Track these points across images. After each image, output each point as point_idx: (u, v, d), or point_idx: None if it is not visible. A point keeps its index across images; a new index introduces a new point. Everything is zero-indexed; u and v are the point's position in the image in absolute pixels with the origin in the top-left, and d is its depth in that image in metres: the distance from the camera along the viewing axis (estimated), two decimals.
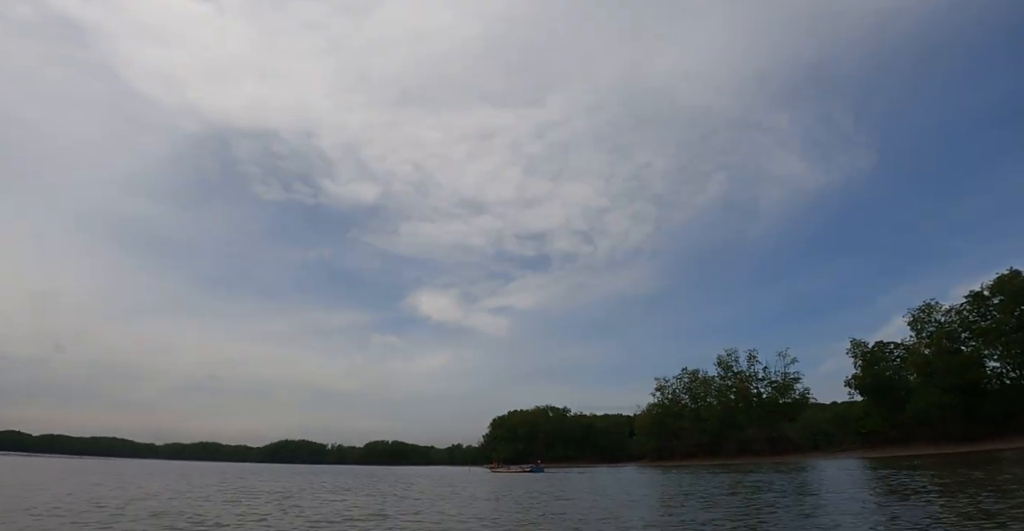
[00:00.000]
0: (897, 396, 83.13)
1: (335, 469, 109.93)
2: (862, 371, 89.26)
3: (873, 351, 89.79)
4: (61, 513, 13.60)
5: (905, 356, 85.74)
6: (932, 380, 75.07)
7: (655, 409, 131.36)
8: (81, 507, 15.42)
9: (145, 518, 12.83)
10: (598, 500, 18.22)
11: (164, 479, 33.88)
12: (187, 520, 12.64)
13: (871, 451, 79.71)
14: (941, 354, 75.75)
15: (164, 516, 13.39)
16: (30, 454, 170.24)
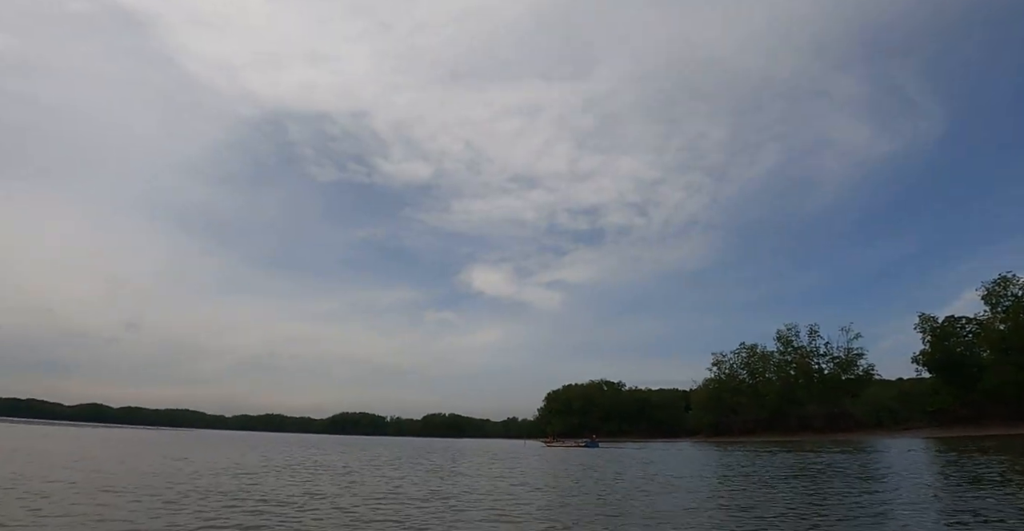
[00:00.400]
0: (968, 373, 79.81)
1: (394, 441, 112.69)
2: (931, 347, 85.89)
3: (943, 326, 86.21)
4: (126, 491, 14.06)
5: (978, 331, 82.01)
6: (1007, 356, 71.73)
7: (712, 384, 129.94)
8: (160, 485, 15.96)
9: (214, 495, 13.17)
10: (656, 477, 17.95)
11: (232, 451, 35.16)
12: (253, 497, 12.96)
13: (939, 430, 77.11)
14: (1018, 329, 72.13)
15: (230, 494, 13.73)
16: (111, 425, 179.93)
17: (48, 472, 17.89)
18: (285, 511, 11.24)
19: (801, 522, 9.65)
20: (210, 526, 9.30)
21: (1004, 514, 9.96)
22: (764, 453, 42.15)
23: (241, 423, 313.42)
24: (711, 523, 9.75)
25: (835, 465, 25.26)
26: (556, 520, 10.73)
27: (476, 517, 11.48)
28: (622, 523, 10.14)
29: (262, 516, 10.35)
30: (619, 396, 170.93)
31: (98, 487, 14.05)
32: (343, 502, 12.55)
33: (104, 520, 9.66)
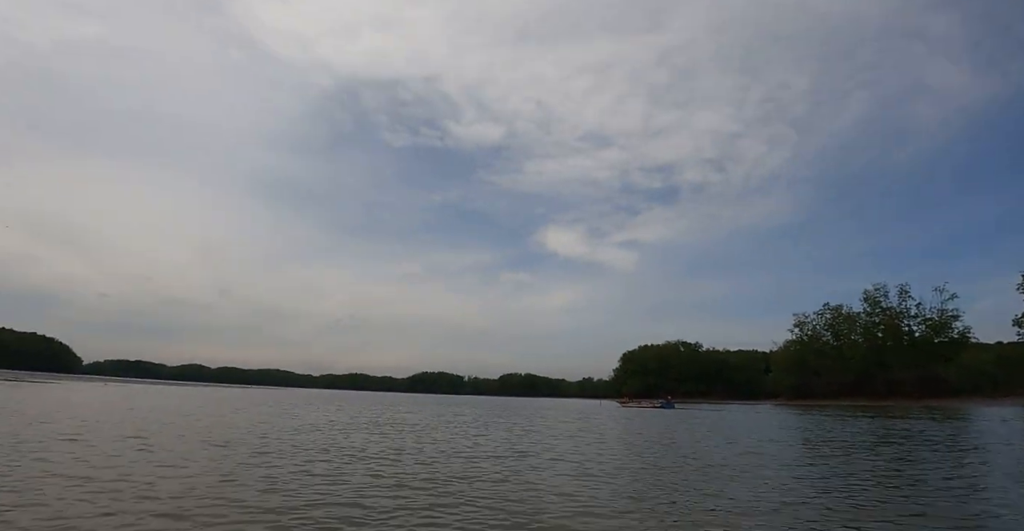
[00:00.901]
0: None
1: (472, 400, 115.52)
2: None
3: None
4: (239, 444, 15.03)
5: None
6: None
7: (793, 346, 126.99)
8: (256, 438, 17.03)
9: (313, 450, 13.94)
10: (734, 439, 17.85)
11: (327, 408, 36.97)
12: (334, 450, 13.70)
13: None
14: None
15: (317, 449, 14.53)
16: (210, 384, 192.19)
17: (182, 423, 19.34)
18: (372, 465, 11.82)
19: (885, 491, 9.41)
20: (304, 473, 9.93)
21: None
22: (849, 417, 41.08)
23: (327, 382, 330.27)
24: (787, 488, 9.64)
25: (925, 432, 24.35)
26: (637, 478, 10.82)
27: (560, 472, 11.76)
28: (698, 480, 10.14)
29: (360, 464, 10.99)
30: (696, 357, 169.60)
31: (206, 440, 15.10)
32: (428, 454, 13.09)
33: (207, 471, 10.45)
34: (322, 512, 7.60)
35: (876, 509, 9.04)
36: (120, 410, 28.17)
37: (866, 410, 59.35)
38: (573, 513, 8.14)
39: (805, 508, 8.97)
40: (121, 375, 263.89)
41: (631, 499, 9.37)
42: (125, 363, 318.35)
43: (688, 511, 8.46)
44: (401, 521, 7.30)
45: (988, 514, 8.57)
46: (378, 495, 8.90)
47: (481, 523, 7.38)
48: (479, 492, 9.56)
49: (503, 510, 8.21)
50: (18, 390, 43.51)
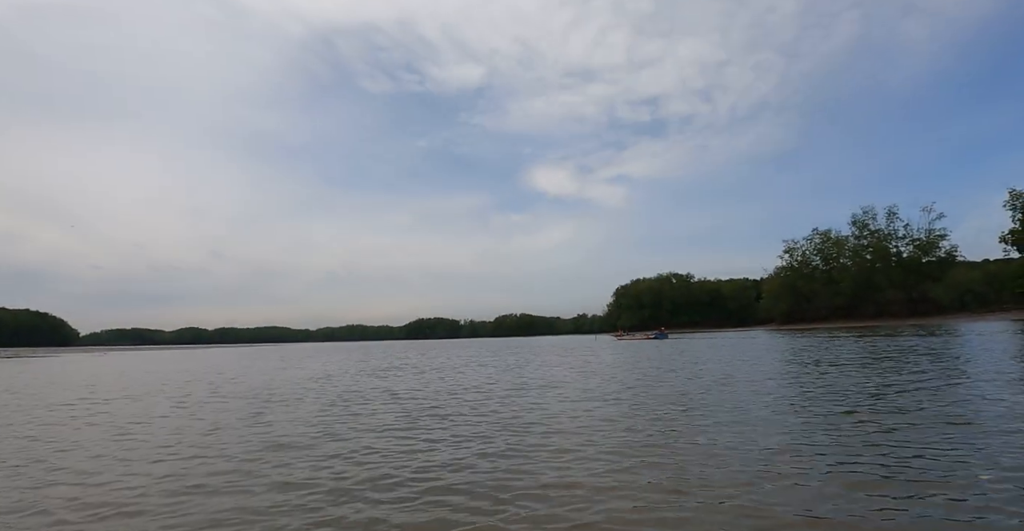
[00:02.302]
0: None
1: (471, 342, 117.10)
2: (1021, 225, 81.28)
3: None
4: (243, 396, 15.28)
5: None
6: None
7: (784, 272, 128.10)
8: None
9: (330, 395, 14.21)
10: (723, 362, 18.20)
11: (331, 359, 37.57)
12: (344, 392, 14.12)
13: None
14: None
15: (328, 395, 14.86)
16: (208, 346, 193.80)
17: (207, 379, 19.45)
18: (409, 404, 12.13)
19: (870, 398, 9.68)
20: (333, 408, 10.22)
21: None
22: (838, 339, 41.87)
23: (325, 335, 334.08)
24: (774, 400, 9.91)
25: (912, 348, 24.89)
26: (636, 401, 11.11)
27: (567, 397, 12.11)
28: (694, 400, 10.41)
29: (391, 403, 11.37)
30: (688, 288, 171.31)
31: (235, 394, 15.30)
32: (444, 390, 13.46)
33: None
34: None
35: (865, 413, 9.31)
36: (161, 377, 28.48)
37: (856, 331, 60.43)
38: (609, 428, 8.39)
39: (795, 415, 9.23)
40: (120, 344, 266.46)
41: (638, 410, 9.64)
42: (122, 332, 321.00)
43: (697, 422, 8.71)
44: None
45: (970, 411, 8.85)
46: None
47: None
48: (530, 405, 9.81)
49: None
50: (14, 365, 43.93)
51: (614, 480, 6.01)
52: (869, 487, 5.44)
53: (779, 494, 5.34)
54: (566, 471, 6.46)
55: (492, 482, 6.10)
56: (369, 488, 6.06)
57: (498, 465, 6.85)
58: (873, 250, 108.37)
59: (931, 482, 5.49)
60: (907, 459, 6.32)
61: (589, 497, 5.48)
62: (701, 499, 5.29)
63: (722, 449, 7.21)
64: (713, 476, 6.00)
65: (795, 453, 6.80)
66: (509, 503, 5.41)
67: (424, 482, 6.24)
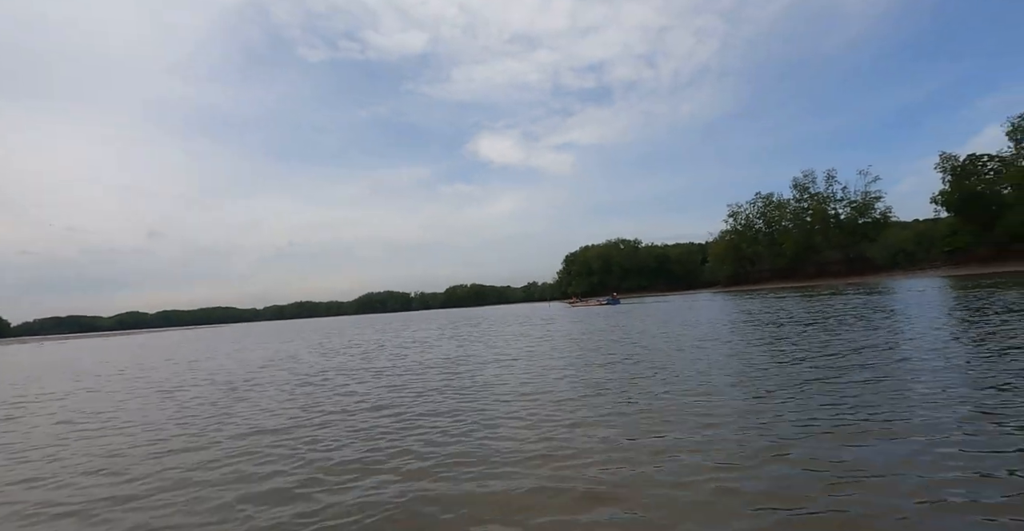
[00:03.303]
0: (988, 212, 79.55)
1: (423, 315, 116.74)
2: (951, 186, 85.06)
3: (964, 165, 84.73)
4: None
5: (1000, 169, 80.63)
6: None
7: (728, 235, 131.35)
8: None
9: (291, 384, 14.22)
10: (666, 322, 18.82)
11: (284, 339, 37.19)
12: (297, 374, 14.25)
13: (956, 269, 78.17)
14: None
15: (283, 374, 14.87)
16: (150, 330, 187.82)
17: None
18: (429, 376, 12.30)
19: (807, 352, 10.24)
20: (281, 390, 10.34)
21: (993, 341, 10.43)
22: (779, 298, 43.45)
23: (274, 313, 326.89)
24: (717, 355, 10.40)
25: (847, 304, 26.07)
26: (597, 350, 11.50)
27: (540, 359, 12.43)
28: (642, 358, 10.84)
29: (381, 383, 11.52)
30: (636, 253, 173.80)
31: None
32: (431, 364, 13.66)
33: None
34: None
35: (804, 364, 9.86)
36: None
37: (796, 291, 62.59)
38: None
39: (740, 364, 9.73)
40: (56, 333, 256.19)
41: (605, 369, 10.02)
42: (58, 320, 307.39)
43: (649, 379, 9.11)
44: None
45: (902, 358, 9.48)
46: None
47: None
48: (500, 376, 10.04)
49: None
50: None
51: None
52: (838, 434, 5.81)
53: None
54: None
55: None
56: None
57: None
58: (813, 212, 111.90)
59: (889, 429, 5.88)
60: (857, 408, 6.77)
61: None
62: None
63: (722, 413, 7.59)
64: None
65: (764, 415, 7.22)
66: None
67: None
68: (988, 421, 5.87)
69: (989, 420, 5.90)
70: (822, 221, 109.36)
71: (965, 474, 4.59)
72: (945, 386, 7.51)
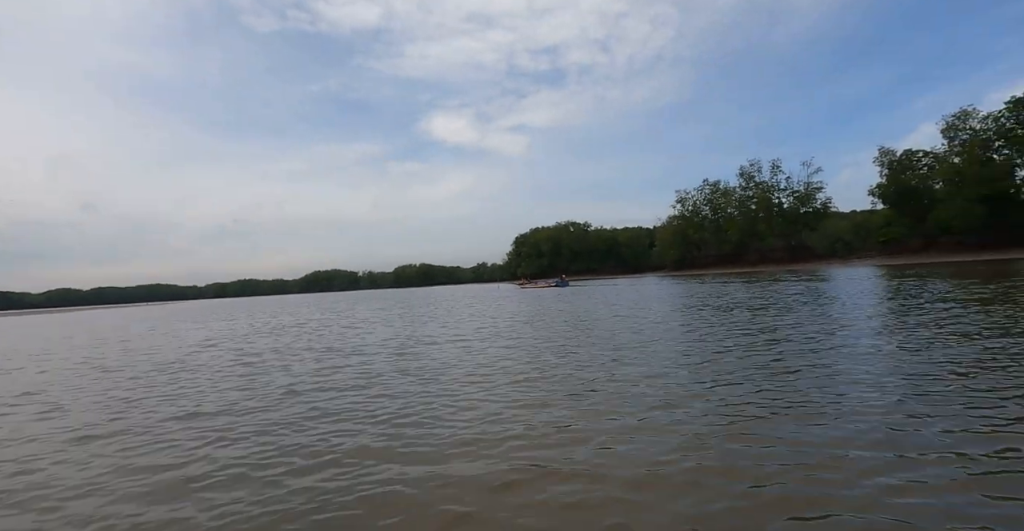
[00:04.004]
0: (921, 205, 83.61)
1: (373, 294, 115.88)
2: (887, 180, 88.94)
3: (900, 160, 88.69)
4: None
5: (933, 165, 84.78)
6: (960, 190, 74.86)
7: (676, 221, 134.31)
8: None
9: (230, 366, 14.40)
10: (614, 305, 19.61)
11: (231, 316, 36.67)
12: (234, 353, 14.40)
13: (889, 258, 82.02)
14: (972, 163, 74.63)
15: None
16: (82, 308, 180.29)
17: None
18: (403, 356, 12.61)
19: (747, 332, 11.09)
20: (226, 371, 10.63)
21: (920, 325, 11.52)
22: (723, 283, 45.13)
23: (216, 291, 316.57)
24: (666, 332, 11.18)
25: (785, 290, 27.49)
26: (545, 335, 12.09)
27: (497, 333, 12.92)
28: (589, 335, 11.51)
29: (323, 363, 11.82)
30: (586, 236, 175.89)
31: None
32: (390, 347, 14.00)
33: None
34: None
35: (746, 344, 10.68)
36: None
37: (740, 276, 64.72)
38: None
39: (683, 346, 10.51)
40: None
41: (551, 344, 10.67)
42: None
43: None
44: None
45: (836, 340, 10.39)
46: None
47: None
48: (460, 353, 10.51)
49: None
50: None
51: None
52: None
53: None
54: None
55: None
56: None
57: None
58: (758, 201, 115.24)
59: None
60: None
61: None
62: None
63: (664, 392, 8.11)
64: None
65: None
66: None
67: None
68: (916, 403, 6.41)
69: (916, 402, 6.45)
70: (766, 209, 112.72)
71: (892, 454, 4.97)
72: (878, 371, 8.16)
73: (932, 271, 41.76)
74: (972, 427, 5.52)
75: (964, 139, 79.21)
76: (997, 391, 6.72)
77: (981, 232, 73.09)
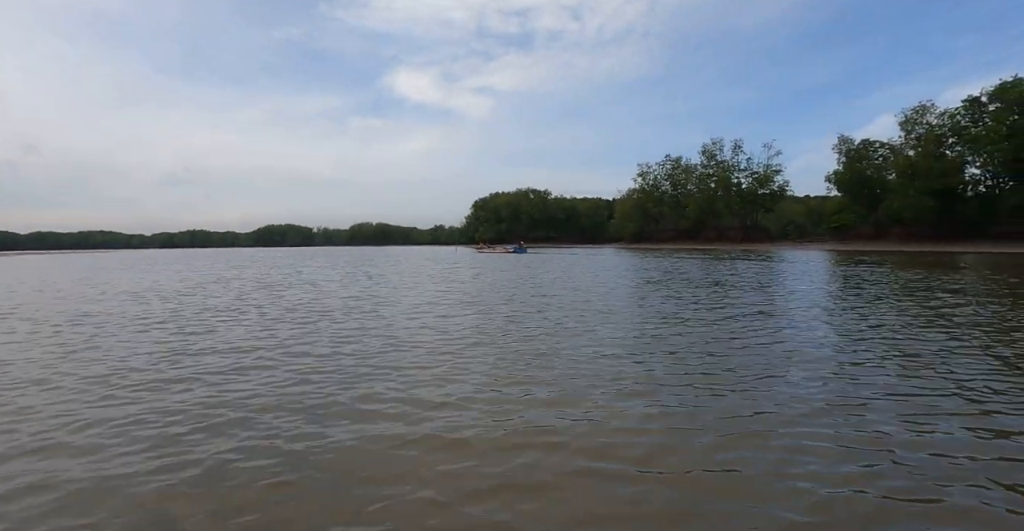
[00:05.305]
0: (874, 194, 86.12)
1: (329, 251, 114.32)
2: (844, 167, 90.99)
3: (858, 149, 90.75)
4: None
5: (889, 156, 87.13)
6: (912, 182, 77.27)
7: (636, 194, 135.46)
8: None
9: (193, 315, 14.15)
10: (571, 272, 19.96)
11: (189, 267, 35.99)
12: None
13: (840, 244, 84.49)
14: (926, 157, 77.00)
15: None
16: (20, 252, 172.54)
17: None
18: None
19: (704, 308, 11.50)
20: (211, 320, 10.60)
21: (863, 307, 12.13)
22: (678, 259, 46.03)
23: (164, 241, 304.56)
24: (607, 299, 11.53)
25: (736, 268, 28.30)
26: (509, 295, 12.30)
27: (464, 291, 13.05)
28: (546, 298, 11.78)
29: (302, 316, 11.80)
30: (545, 204, 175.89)
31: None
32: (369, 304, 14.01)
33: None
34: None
35: (697, 316, 11.06)
36: None
37: (697, 252, 65.97)
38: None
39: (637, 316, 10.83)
40: None
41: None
42: None
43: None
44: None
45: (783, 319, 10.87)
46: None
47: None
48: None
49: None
50: None
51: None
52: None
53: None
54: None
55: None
56: None
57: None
58: (717, 179, 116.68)
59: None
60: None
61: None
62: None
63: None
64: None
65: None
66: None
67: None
68: (849, 383, 6.77)
69: (851, 383, 6.80)
70: (725, 188, 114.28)
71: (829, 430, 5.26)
72: (822, 355, 8.69)
73: (882, 259, 43.29)
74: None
75: (920, 133, 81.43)
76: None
77: (930, 224, 75.82)
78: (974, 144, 73.49)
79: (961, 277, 23.12)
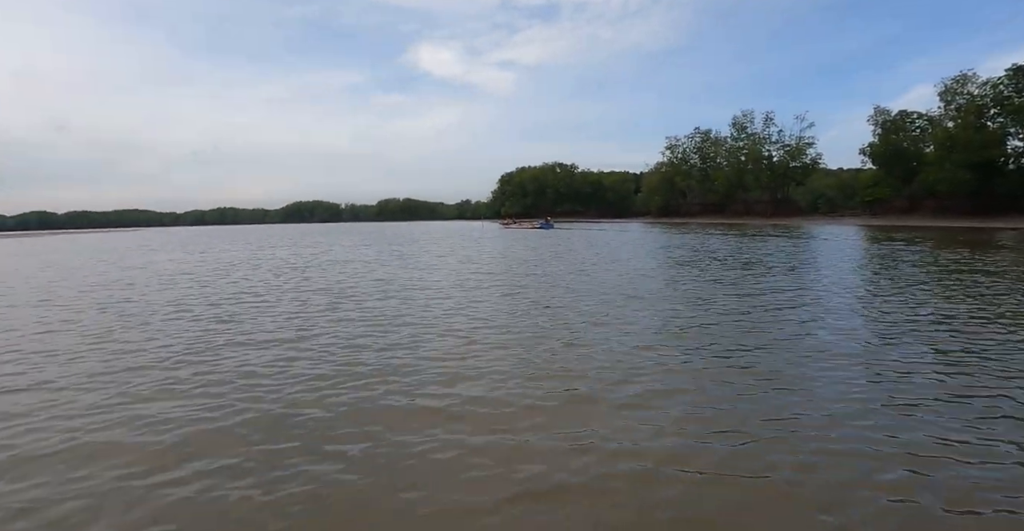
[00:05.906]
0: (909, 167, 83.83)
1: (357, 227, 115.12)
2: (880, 139, 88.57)
3: (895, 120, 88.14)
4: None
5: (927, 128, 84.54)
6: (950, 154, 74.90)
7: (664, 167, 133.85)
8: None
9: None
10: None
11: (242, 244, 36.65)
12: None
13: (873, 218, 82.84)
14: (965, 129, 74.38)
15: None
16: (58, 232, 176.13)
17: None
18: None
19: (735, 282, 11.44)
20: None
21: (894, 282, 11.92)
22: (706, 233, 45.70)
23: (194, 219, 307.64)
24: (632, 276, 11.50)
25: (779, 248, 27.98)
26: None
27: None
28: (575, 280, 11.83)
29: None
30: (572, 178, 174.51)
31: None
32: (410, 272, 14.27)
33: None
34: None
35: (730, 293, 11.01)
36: None
37: (726, 227, 65.34)
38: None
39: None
40: None
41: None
42: None
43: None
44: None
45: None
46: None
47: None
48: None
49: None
50: None
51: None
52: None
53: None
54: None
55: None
56: None
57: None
58: (748, 152, 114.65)
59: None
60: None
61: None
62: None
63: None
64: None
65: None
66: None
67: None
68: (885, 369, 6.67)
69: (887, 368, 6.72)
70: (755, 161, 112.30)
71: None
72: (855, 338, 8.60)
73: (917, 236, 42.47)
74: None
75: (960, 104, 78.76)
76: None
77: (966, 199, 73.70)
78: (1017, 115, 70.95)
79: (1002, 258, 22.57)
